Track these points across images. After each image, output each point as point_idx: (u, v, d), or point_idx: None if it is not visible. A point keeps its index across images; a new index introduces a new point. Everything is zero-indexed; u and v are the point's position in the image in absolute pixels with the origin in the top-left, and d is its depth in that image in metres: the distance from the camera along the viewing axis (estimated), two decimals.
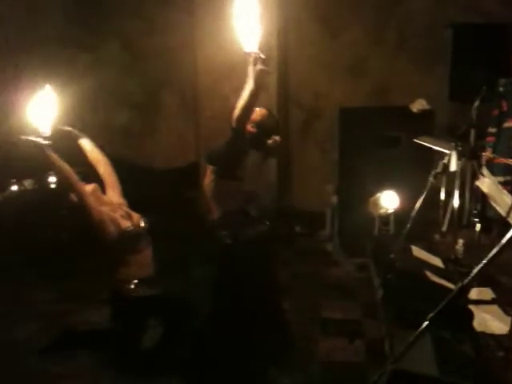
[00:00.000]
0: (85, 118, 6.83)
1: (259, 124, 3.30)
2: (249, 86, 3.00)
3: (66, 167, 3.10)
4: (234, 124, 3.16)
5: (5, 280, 4.91)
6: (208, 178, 3.36)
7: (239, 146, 3.24)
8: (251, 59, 2.90)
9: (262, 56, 2.86)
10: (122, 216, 3.37)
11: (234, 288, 3.37)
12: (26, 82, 6.32)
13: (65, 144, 3.28)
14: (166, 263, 3.88)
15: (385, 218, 4.88)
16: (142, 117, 6.93)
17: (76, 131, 3.52)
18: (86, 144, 3.54)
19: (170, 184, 6.39)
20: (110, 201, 3.44)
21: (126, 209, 3.48)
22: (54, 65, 6.49)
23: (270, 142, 3.31)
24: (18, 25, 6.32)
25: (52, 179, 5.71)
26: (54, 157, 3.05)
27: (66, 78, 6.61)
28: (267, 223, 3.49)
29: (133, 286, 3.35)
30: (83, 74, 6.63)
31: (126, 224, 3.34)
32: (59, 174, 3.17)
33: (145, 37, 6.66)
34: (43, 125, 3.04)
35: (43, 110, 3.08)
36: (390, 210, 4.79)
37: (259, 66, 2.90)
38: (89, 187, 3.30)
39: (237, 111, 3.11)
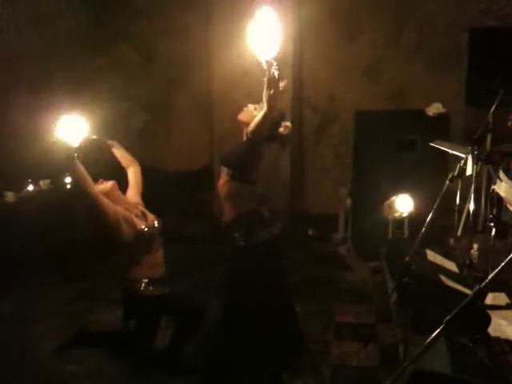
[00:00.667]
0: (99, 120, 6.92)
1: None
2: (263, 110, 2.98)
3: (85, 174, 3.17)
4: (249, 135, 3.16)
5: (21, 279, 4.97)
6: (222, 180, 3.36)
7: (254, 150, 3.24)
8: (266, 80, 2.88)
9: (276, 73, 2.82)
10: (137, 215, 3.40)
11: (245, 290, 3.36)
12: (42, 86, 6.46)
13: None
14: (179, 264, 3.91)
15: (399, 222, 4.87)
16: (155, 119, 6.97)
17: (106, 140, 3.57)
18: (117, 150, 3.62)
19: (184, 186, 6.42)
20: (127, 200, 3.48)
21: (142, 208, 3.51)
22: (69, 67, 6.57)
23: (281, 130, 3.29)
24: (33, 27, 6.38)
25: (67, 180, 5.77)
26: (78, 165, 3.14)
27: (80, 81, 6.71)
28: (279, 225, 3.49)
29: (144, 285, 3.37)
30: (98, 77, 6.69)
31: (140, 224, 3.36)
32: (77, 178, 3.21)
33: (160, 39, 6.70)
34: (72, 138, 3.16)
35: (71, 123, 3.20)
36: (405, 214, 4.77)
37: (273, 90, 2.87)
38: (107, 184, 3.35)
39: (253, 126, 3.10)
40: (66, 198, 5.43)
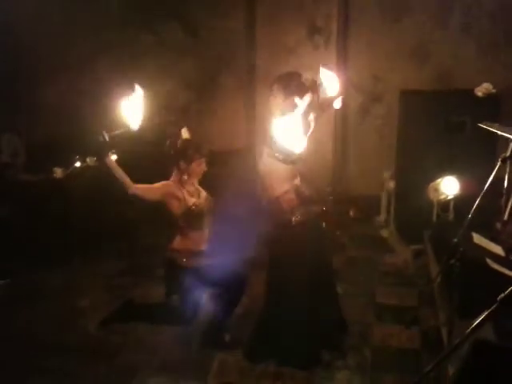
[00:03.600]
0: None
1: None
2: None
3: (120, 174, 3.28)
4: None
5: (70, 254, 5.14)
6: (263, 160, 3.37)
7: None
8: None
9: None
10: (190, 192, 3.47)
11: (286, 269, 3.38)
12: (89, 64, 6.58)
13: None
14: (221, 242, 3.96)
15: (444, 205, 4.78)
16: (199, 98, 7.00)
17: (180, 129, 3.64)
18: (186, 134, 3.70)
19: (227, 165, 6.45)
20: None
21: (196, 186, 3.58)
22: (116, 47, 6.66)
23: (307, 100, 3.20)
24: (81, 8, 6.49)
25: (114, 157, 5.88)
26: (113, 162, 3.25)
27: (127, 60, 6.79)
28: (321, 205, 3.48)
29: (185, 257, 3.44)
30: (144, 56, 6.76)
31: (191, 201, 3.43)
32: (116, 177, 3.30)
33: (205, 18, 6.70)
34: (133, 121, 3.25)
35: (133, 107, 3.27)
36: (450, 197, 4.68)
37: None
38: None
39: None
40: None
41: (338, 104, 2.88)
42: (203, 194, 3.59)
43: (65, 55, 6.60)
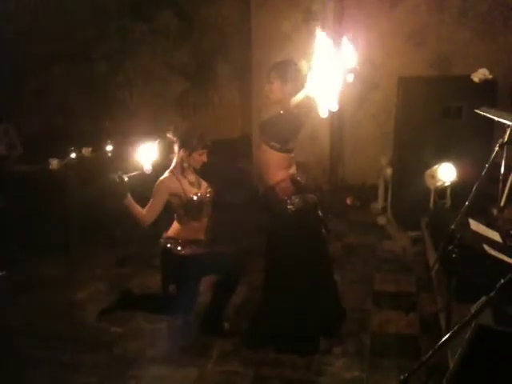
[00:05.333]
0: (139, 86, 6.98)
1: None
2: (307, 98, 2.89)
3: (136, 211, 3.30)
4: (293, 109, 3.12)
5: (68, 244, 5.13)
6: (260, 149, 3.36)
7: (292, 122, 3.23)
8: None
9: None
10: (190, 182, 3.45)
11: (283, 257, 3.38)
12: (81, 55, 6.53)
13: None
14: (218, 231, 3.96)
15: (441, 191, 4.78)
16: (195, 87, 6.98)
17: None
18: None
19: (222, 154, 6.44)
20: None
21: (197, 176, 3.56)
22: (110, 34, 6.62)
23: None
24: None
25: (109, 148, 5.86)
26: (131, 202, 3.28)
27: (122, 47, 6.76)
28: (318, 194, 3.48)
29: (181, 245, 3.44)
30: (139, 44, 6.72)
31: (191, 191, 3.41)
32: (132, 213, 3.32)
33: (200, 7, 6.65)
34: (147, 164, 3.32)
35: (148, 151, 3.36)
36: (447, 183, 4.69)
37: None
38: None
39: (294, 103, 3.06)
40: (108, 165, 5.52)
41: (350, 78, 2.79)
42: (204, 183, 3.57)
43: (59, 45, 6.55)
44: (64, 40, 6.61)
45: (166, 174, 3.43)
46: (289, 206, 3.29)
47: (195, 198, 3.40)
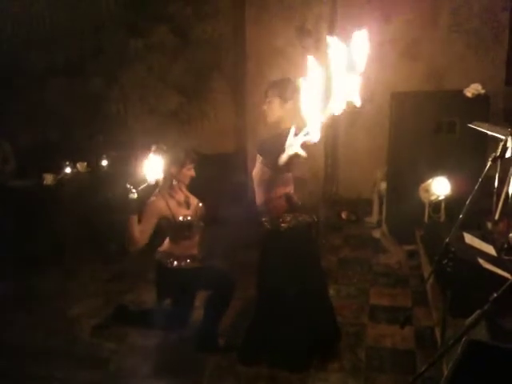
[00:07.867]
0: (135, 101, 7.01)
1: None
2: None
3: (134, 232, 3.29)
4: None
5: (61, 259, 5.10)
6: (256, 167, 3.35)
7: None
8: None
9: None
10: (179, 202, 3.45)
11: (274, 274, 3.36)
12: (77, 69, 6.55)
13: None
14: (213, 246, 3.95)
15: (436, 205, 4.80)
16: (190, 102, 7.00)
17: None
18: None
19: (218, 169, 6.45)
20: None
21: (186, 193, 3.55)
22: (105, 49, 6.65)
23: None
24: (69, 11, 6.48)
25: (104, 162, 5.86)
26: (135, 221, 3.26)
27: (117, 63, 6.79)
28: (312, 215, 3.46)
29: (174, 260, 3.43)
30: (135, 59, 6.75)
31: (180, 213, 3.41)
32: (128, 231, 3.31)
33: (195, 22, 6.70)
34: (151, 176, 3.28)
35: (153, 163, 3.32)
36: (442, 197, 4.70)
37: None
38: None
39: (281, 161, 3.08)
40: (103, 180, 5.52)
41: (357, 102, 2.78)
42: (194, 201, 3.55)
43: (55, 59, 6.58)
44: (60, 54, 6.64)
45: (154, 196, 3.42)
46: (282, 224, 3.28)
47: (184, 220, 3.40)
